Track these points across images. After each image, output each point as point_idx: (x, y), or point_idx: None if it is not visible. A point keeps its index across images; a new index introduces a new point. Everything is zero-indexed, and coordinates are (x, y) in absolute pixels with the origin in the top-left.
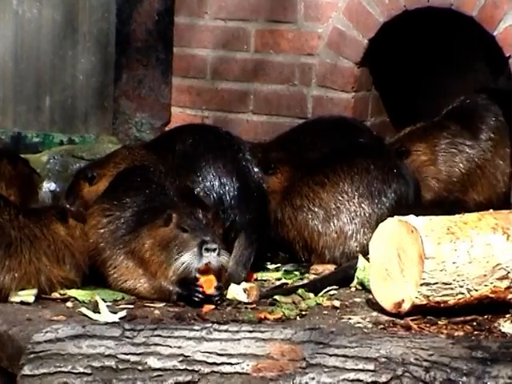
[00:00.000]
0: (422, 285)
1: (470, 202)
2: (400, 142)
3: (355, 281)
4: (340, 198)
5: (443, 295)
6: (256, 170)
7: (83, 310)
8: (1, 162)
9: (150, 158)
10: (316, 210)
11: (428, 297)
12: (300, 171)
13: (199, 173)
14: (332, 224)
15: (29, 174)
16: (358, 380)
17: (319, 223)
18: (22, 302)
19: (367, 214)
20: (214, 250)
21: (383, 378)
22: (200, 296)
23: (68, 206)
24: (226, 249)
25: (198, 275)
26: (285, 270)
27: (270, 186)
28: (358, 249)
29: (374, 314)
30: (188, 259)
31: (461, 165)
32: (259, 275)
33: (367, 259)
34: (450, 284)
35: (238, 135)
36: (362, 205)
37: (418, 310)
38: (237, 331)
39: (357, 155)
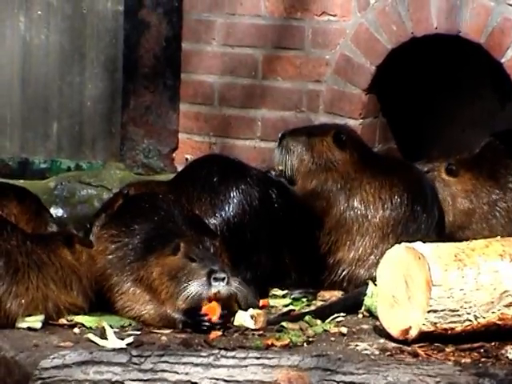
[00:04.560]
0: (429, 312)
1: None
2: (454, 160)
3: (363, 307)
4: (391, 222)
5: (450, 322)
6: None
7: (90, 336)
8: (8, 198)
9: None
10: (365, 220)
11: (435, 324)
12: (367, 166)
13: (219, 206)
14: (369, 241)
15: (37, 211)
16: None
17: (358, 234)
18: (29, 328)
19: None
20: (223, 279)
21: None
22: (207, 324)
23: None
24: (235, 276)
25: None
26: (293, 298)
27: (334, 158)
28: (366, 277)
29: (382, 340)
30: (197, 289)
31: (483, 209)
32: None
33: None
34: (458, 311)
35: (246, 162)
36: (400, 237)
37: (425, 337)
38: (244, 358)
39: (422, 183)
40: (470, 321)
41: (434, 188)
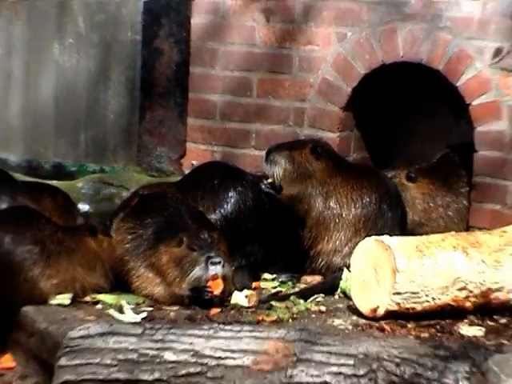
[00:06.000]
0: (394, 294)
1: None
2: (414, 168)
3: (339, 290)
4: (362, 219)
5: (412, 303)
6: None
7: (110, 311)
8: (43, 196)
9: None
10: (340, 218)
11: (399, 304)
12: (340, 173)
13: (219, 204)
14: (344, 236)
15: (67, 207)
16: (340, 373)
17: (335, 230)
18: (59, 305)
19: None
20: (219, 262)
21: (361, 372)
22: (209, 295)
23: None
24: (229, 262)
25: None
26: (280, 281)
27: (312, 167)
28: (342, 265)
29: (354, 317)
30: (198, 273)
31: (439, 210)
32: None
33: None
34: (418, 293)
35: (243, 167)
36: (370, 232)
37: (390, 315)
38: (239, 331)
39: (388, 185)
40: (428, 302)
41: (397, 190)
